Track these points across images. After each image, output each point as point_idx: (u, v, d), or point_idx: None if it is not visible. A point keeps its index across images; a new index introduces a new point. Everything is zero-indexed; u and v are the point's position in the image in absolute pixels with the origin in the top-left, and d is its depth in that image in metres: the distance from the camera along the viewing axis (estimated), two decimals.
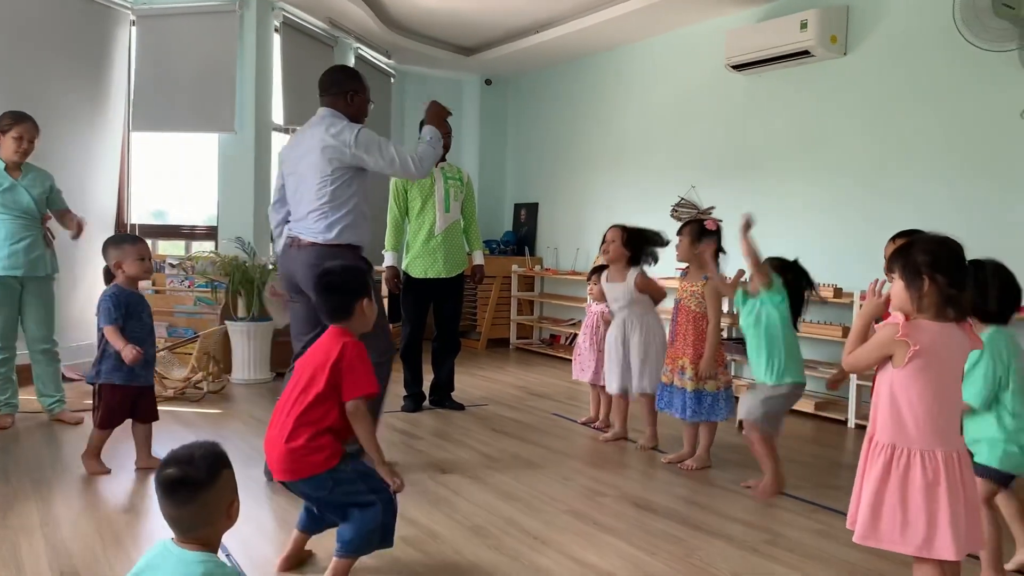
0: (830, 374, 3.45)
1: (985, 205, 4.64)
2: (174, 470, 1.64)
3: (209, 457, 1.68)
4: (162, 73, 6.12)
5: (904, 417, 2.11)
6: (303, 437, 2.38)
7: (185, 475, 1.63)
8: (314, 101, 3.70)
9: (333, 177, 3.46)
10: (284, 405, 2.47)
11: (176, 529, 1.66)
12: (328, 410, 2.41)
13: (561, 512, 3.24)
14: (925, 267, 2.12)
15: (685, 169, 6.63)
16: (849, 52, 5.42)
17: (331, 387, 2.41)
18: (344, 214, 3.48)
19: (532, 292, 8.28)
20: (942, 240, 2.17)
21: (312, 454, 2.38)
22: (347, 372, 2.41)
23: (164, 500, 1.64)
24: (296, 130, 3.77)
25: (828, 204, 5.54)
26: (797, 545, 2.95)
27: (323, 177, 3.45)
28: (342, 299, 2.55)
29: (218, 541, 1.71)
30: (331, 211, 3.46)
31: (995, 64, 4.54)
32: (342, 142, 3.44)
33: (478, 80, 8.69)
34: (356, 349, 2.47)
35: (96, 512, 3.08)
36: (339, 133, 3.46)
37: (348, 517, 2.43)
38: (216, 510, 1.67)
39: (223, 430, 4.42)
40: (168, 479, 1.63)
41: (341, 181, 3.47)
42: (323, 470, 2.39)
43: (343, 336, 2.50)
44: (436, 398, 5.17)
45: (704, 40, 6.45)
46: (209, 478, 1.65)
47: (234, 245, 6.10)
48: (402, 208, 5.01)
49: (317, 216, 3.48)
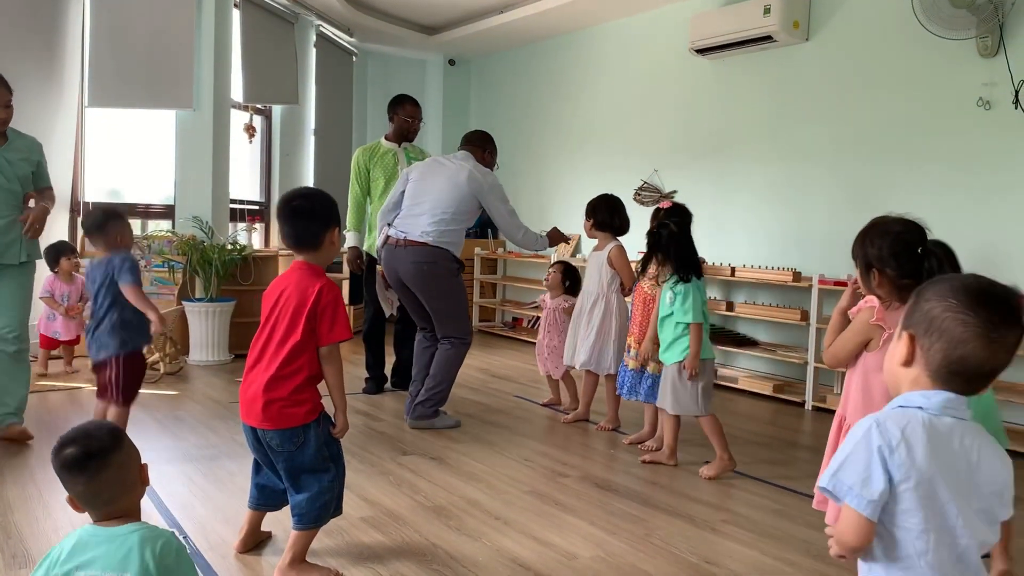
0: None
1: (945, 189, 4.72)
2: (76, 447, 1.58)
3: (103, 426, 1.65)
4: (118, 47, 5.96)
5: (875, 398, 2.14)
6: (287, 388, 2.32)
7: (89, 447, 1.58)
8: (274, 78, 3.65)
9: (463, 199, 4.16)
10: (264, 350, 2.37)
11: (94, 507, 1.60)
12: (308, 359, 2.35)
13: (523, 493, 3.25)
14: (874, 260, 2.17)
15: (648, 153, 6.65)
16: (811, 38, 5.46)
17: (308, 334, 2.33)
18: (454, 229, 4.17)
19: (495, 275, 8.27)
20: (894, 231, 2.19)
21: (294, 407, 2.33)
22: (323, 317, 2.34)
23: (75, 479, 1.57)
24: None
25: (789, 189, 5.60)
26: (755, 524, 2.99)
27: (458, 195, 4.15)
28: (308, 226, 2.43)
29: (138, 510, 1.66)
30: (447, 223, 4.13)
31: (954, 51, 4.60)
32: (484, 179, 4.22)
33: (441, 60, 8.61)
34: (331, 293, 2.36)
35: (51, 496, 3.03)
36: (486, 175, 4.25)
37: (300, 484, 2.38)
38: (130, 473, 1.62)
39: (180, 411, 4.35)
40: (75, 456, 1.57)
41: (467, 206, 4.19)
42: (301, 423, 2.34)
43: (316, 277, 2.39)
44: (398, 380, 5.14)
45: (668, 24, 6.46)
46: (113, 442, 1.61)
47: (191, 224, 6.00)
48: (364, 187, 4.95)
49: (432, 222, 4.12)
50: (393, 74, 8.72)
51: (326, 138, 7.89)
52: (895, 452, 1.25)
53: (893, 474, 1.25)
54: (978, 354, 1.25)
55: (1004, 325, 1.25)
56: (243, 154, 6.93)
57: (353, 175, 4.96)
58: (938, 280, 1.34)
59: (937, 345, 1.28)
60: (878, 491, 1.25)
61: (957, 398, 1.29)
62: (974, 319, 1.24)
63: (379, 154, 4.95)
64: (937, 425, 1.27)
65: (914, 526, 1.26)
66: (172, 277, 5.88)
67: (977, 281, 1.29)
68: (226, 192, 6.48)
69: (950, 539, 1.27)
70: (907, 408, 1.30)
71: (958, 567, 1.27)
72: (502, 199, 4.27)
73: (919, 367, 1.31)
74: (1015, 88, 4.35)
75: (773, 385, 5.18)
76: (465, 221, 4.24)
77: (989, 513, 1.30)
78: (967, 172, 4.62)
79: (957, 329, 1.26)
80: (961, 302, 1.26)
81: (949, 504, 1.26)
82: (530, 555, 2.64)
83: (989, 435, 1.33)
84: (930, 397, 1.29)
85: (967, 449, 1.28)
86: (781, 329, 5.50)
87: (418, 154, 5.05)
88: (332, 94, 7.97)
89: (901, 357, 1.33)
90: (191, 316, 5.73)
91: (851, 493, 1.26)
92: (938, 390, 1.29)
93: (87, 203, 6.07)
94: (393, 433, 4.10)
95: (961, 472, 1.27)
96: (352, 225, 4.98)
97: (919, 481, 1.24)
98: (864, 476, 1.25)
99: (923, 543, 1.26)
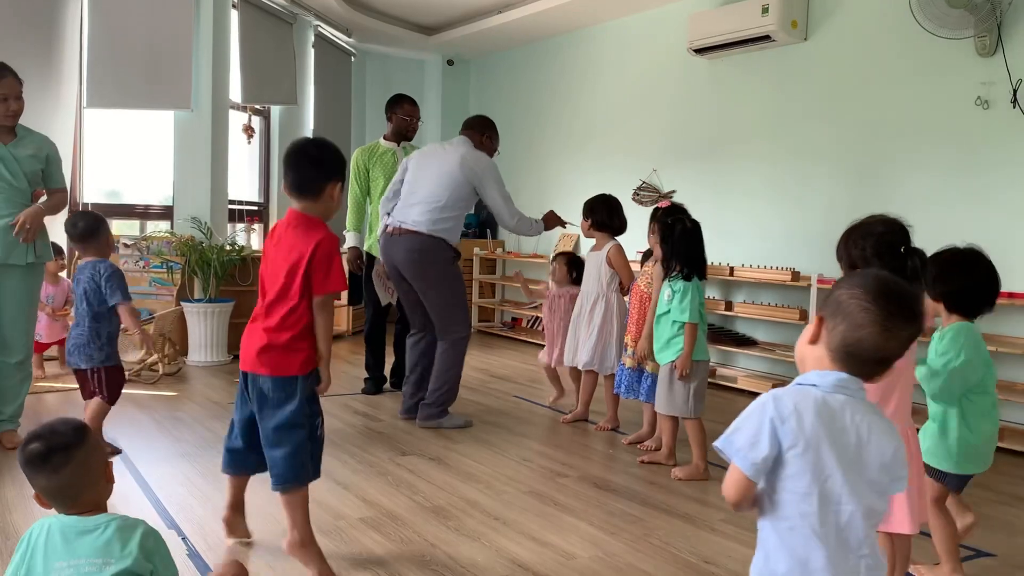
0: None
1: (943, 188, 4.72)
2: (39, 443, 1.60)
3: (70, 422, 1.67)
4: (116, 48, 5.96)
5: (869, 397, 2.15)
6: (284, 337, 2.34)
7: (52, 442, 1.60)
8: (272, 79, 3.66)
9: (457, 186, 4.09)
10: (264, 300, 2.40)
11: (60, 502, 1.62)
12: (305, 309, 2.36)
13: (522, 493, 3.25)
14: (858, 261, 2.21)
15: (647, 152, 6.65)
16: (809, 37, 5.46)
17: (305, 286, 2.34)
18: (448, 217, 4.10)
19: (494, 275, 8.27)
20: (877, 231, 2.24)
21: (292, 354, 2.34)
22: (318, 268, 2.33)
23: (40, 473, 1.59)
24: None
25: (788, 188, 5.60)
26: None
27: (451, 182, 4.08)
28: (313, 174, 2.40)
29: (105, 507, 1.67)
30: (440, 210, 4.07)
31: (952, 50, 4.61)
32: (476, 164, 4.14)
33: (440, 60, 8.61)
34: (330, 245, 2.35)
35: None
36: (479, 158, 4.18)
37: (279, 439, 2.36)
38: (95, 469, 1.64)
39: (179, 412, 4.35)
40: (38, 451, 1.59)
41: (461, 192, 4.12)
42: (295, 373, 2.35)
43: (314, 229, 2.37)
44: (397, 381, 5.14)
45: (667, 23, 6.46)
46: (77, 438, 1.63)
47: (190, 225, 5.99)
48: (363, 187, 4.95)
49: (427, 210, 4.07)
50: (392, 74, 8.72)
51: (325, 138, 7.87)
52: (786, 422, 1.37)
53: (782, 441, 1.37)
54: (873, 339, 1.38)
55: (900, 318, 1.39)
56: (242, 155, 6.93)
57: (352, 175, 4.96)
58: (854, 274, 1.49)
59: (840, 327, 1.41)
60: (761, 456, 1.37)
61: (851, 379, 1.42)
62: (874, 308, 1.38)
63: (378, 154, 4.95)
64: (829, 401, 1.39)
65: (799, 489, 1.38)
66: (171, 278, 5.88)
67: (885, 278, 1.44)
68: (224, 193, 6.48)
69: (834, 505, 1.38)
70: (803, 386, 1.42)
71: (842, 533, 1.38)
72: (496, 183, 4.19)
73: (822, 346, 1.44)
74: (1013, 87, 4.35)
75: (772, 384, 5.18)
76: (461, 208, 4.17)
77: (879, 484, 1.41)
78: (965, 171, 4.63)
79: (859, 315, 1.39)
80: (867, 293, 1.40)
81: (835, 472, 1.37)
82: (529, 555, 2.64)
83: (881, 414, 1.44)
84: (825, 376, 1.42)
85: (857, 424, 1.39)
86: (780, 329, 5.50)
87: None
88: (330, 94, 7.97)
89: (808, 336, 1.47)
90: (190, 317, 5.72)
91: (739, 455, 1.40)
92: (833, 371, 1.42)
93: (87, 204, 6.07)
94: (392, 433, 4.09)
95: (850, 445, 1.38)
96: (352, 225, 4.97)
97: (806, 448, 1.36)
98: (753, 441, 1.38)
99: (808, 506, 1.37)
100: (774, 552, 1.44)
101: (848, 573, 1.39)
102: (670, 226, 3.56)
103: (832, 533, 1.38)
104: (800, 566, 1.39)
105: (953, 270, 2.35)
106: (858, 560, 1.40)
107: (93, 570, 1.54)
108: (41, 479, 1.60)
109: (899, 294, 1.41)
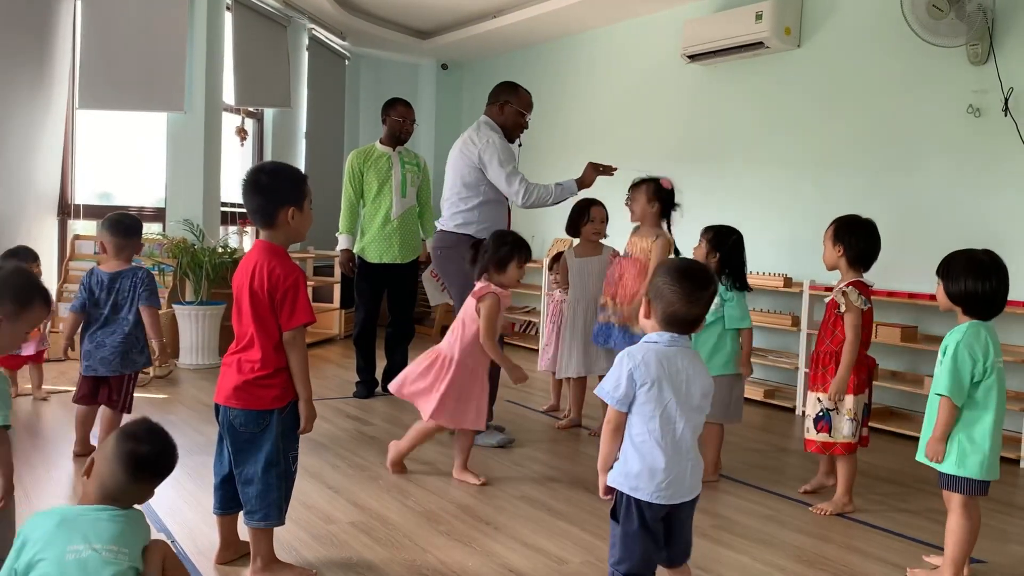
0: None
1: (935, 195, 4.74)
2: (170, 450, 1.78)
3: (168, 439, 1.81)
4: (109, 49, 5.93)
5: None
6: (253, 372, 2.30)
7: (173, 458, 1.78)
8: (266, 81, 3.68)
9: (463, 174, 3.93)
10: (236, 333, 2.37)
11: (122, 500, 1.67)
12: (274, 344, 2.30)
13: (514, 498, 3.24)
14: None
15: (640, 158, 6.64)
16: (803, 44, 5.48)
17: (269, 319, 2.29)
18: (465, 210, 3.94)
19: None
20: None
21: (263, 389, 2.30)
22: (283, 303, 2.28)
23: (152, 478, 1.68)
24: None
25: (780, 194, 5.61)
26: (746, 530, 2.99)
27: (459, 172, 3.96)
28: (263, 203, 2.33)
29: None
30: (455, 204, 3.95)
31: (944, 58, 4.62)
32: (476, 142, 3.91)
33: (434, 65, 8.61)
34: (289, 276, 2.29)
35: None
36: (479, 137, 3.93)
37: (250, 475, 2.32)
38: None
39: (170, 415, 4.33)
40: (166, 459, 1.77)
41: (470, 179, 3.93)
42: (267, 407, 2.30)
43: (272, 257, 2.31)
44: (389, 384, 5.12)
45: (661, 29, 6.47)
46: (175, 459, 1.78)
47: (182, 227, 5.97)
48: (357, 190, 4.94)
49: (447, 206, 4.01)
50: (385, 78, 8.72)
51: (318, 142, 7.88)
52: (638, 368, 1.98)
53: (637, 380, 1.98)
54: (682, 309, 1.99)
55: (698, 290, 1.99)
56: (234, 157, 6.90)
57: (347, 178, 4.95)
58: (664, 263, 2.38)
59: (660, 305, 2.01)
60: (621, 393, 1.99)
61: (678, 336, 2.02)
62: (678, 288, 1.98)
63: (373, 158, 4.94)
64: (666, 351, 2.01)
65: (647, 413, 1.99)
66: (162, 280, 5.84)
67: (682, 263, 2.11)
68: (217, 195, 6.46)
69: (671, 424, 1.99)
70: (648, 343, 2.03)
71: (676, 443, 1.99)
72: (494, 158, 3.87)
73: (654, 318, 2.04)
74: (1005, 95, 4.37)
75: (764, 391, 5.18)
76: (476, 196, 3.94)
77: (701, 409, 2.04)
78: (957, 179, 4.64)
79: (669, 295, 1.99)
80: (671, 278, 2.00)
81: (671, 401, 1.99)
82: (521, 560, 2.63)
83: (701, 360, 2.08)
84: (662, 335, 2.02)
85: (685, 367, 2.01)
86: (772, 335, 5.51)
87: (412, 158, 5.05)
88: (324, 97, 7.96)
89: (644, 312, 2.06)
90: (181, 319, 5.70)
91: (609, 395, 2.02)
92: (666, 332, 2.02)
93: (77, 206, 6.04)
94: (384, 438, 4.07)
95: (681, 382, 2.00)
96: (344, 228, 4.96)
97: (651, 384, 1.98)
98: (616, 385, 2.00)
99: (653, 424, 1.99)
100: (631, 457, 2.01)
101: (680, 470, 1.99)
102: (724, 235, 3.59)
103: (670, 443, 1.98)
104: (648, 466, 1.97)
105: (964, 272, 2.46)
106: (687, 461, 2.01)
107: (110, 557, 1.55)
108: (143, 480, 1.69)
109: (692, 272, 2.02)
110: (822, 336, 3.20)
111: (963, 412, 2.43)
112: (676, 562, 2.11)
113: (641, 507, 1.98)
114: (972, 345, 2.40)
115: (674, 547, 2.07)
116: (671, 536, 2.05)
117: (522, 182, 3.87)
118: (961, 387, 2.39)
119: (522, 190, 3.86)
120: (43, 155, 5.70)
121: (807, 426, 3.16)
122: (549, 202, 3.97)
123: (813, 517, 3.14)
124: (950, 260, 2.53)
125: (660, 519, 2.00)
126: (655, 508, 1.98)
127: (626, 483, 2.00)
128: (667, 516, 2.01)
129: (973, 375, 2.40)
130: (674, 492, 1.98)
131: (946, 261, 2.54)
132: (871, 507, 3.23)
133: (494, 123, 4.07)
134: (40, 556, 1.52)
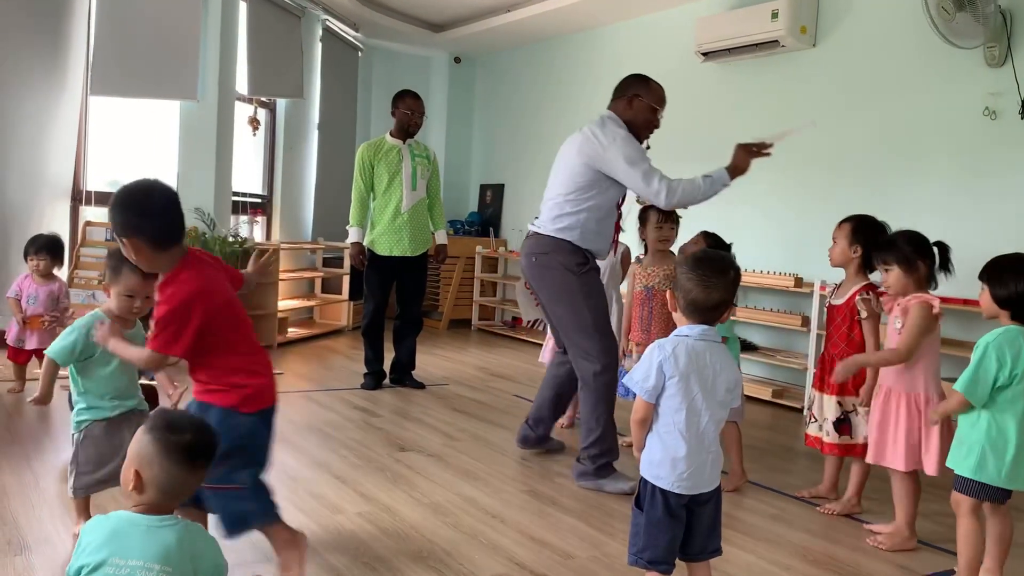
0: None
1: (950, 197, 4.71)
2: (207, 437, 1.67)
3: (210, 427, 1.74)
4: (123, 36, 5.94)
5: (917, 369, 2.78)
6: (198, 381, 2.27)
7: (214, 443, 1.67)
8: (279, 72, 3.65)
9: (576, 175, 3.44)
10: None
11: (174, 497, 1.63)
12: (200, 355, 2.22)
13: (520, 492, 3.24)
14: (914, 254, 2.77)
15: (652, 155, 6.61)
16: (818, 44, 5.45)
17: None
18: (570, 213, 3.42)
19: (495, 274, 8.26)
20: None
21: (211, 394, 2.23)
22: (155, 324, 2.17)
23: (193, 468, 1.62)
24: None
25: (792, 194, 5.59)
26: (752, 528, 2.98)
27: (571, 172, 3.46)
28: (115, 217, 2.22)
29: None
30: (560, 206, 3.44)
31: (961, 60, 4.59)
32: (598, 140, 3.41)
33: (447, 58, 8.60)
34: (162, 306, 2.15)
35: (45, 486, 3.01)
36: (604, 135, 3.43)
37: (201, 494, 2.12)
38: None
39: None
40: (206, 445, 1.65)
41: (582, 181, 3.42)
42: (218, 404, 2.21)
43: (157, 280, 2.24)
44: (396, 376, 5.13)
45: (675, 26, 6.45)
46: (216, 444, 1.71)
47: (193, 216, 5.98)
48: (368, 183, 4.94)
49: (549, 207, 3.50)
50: (398, 71, 8.71)
51: (330, 133, 7.88)
52: (667, 361, 2.00)
53: (666, 373, 2.00)
54: (701, 295, 2.02)
55: (714, 276, 2.02)
56: (247, 147, 6.91)
57: (357, 170, 4.95)
58: (683, 255, 2.25)
59: (681, 296, 2.06)
60: (651, 385, 2.00)
61: (708, 329, 2.04)
62: (694, 275, 2.03)
63: (383, 150, 4.94)
64: (695, 346, 2.02)
65: (674, 405, 2.01)
66: None
67: (698, 253, 2.16)
68: (228, 184, 6.46)
69: (696, 417, 2.01)
70: (679, 336, 2.05)
71: (699, 435, 2.02)
72: (627, 159, 3.38)
73: (679, 309, 2.08)
74: (1021, 98, 4.34)
75: (772, 390, 5.17)
76: (588, 200, 3.43)
77: (725, 403, 2.06)
78: (972, 180, 4.61)
79: (687, 284, 2.04)
80: (688, 268, 2.05)
81: (698, 394, 2.01)
82: (527, 554, 2.63)
83: (729, 355, 2.09)
84: (693, 329, 2.04)
85: (712, 362, 2.03)
86: (781, 334, 5.49)
87: (422, 151, 5.05)
88: (337, 89, 7.96)
89: (671, 305, 2.10)
90: None
91: (638, 386, 2.02)
92: (695, 324, 2.04)
93: (89, 192, 6.05)
94: (391, 429, 4.08)
95: (708, 376, 2.02)
96: (355, 221, 4.96)
97: (680, 378, 2.00)
98: (646, 376, 2.01)
99: (679, 417, 2.01)
100: (655, 446, 2.04)
101: (700, 462, 2.02)
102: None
103: (694, 435, 2.01)
104: (671, 455, 2.01)
105: (1014, 275, 2.40)
106: (707, 454, 2.03)
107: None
108: (183, 471, 1.60)
109: (708, 260, 2.08)
110: (835, 340, 3.16)
111: (987, 416, 2.38)
112: (696, 554, 2.11)
113: (666, 495, 2.01)
114: (1003, 347, 2.34)
115: (694, 539, 2.09)
116: (691, 528, 2.07)
117: (662, 180, 3.41)
118: (978, 387, 2.35)
119: (664, 189, 3.39)
120: (56, 142, 5.72)
121: (826, 430, 3.13)
122: (699, 198, 3.51)
123: (821, 517, 3.13)
124: (996, 263, 2.44)
125: (683, 506, 2.04)
126: (676, 497, 2.02)
127: (649, 471, 2.04)
128: (687, 507, 2.04)
129: (998, 378, 2.33)
130: (694, 483, 2.02)
131: (992, 264, 2.45)
132: (879, 509, 3.22)
133: (620, 119, 3.60)
134: (86, 563, 1.52)
